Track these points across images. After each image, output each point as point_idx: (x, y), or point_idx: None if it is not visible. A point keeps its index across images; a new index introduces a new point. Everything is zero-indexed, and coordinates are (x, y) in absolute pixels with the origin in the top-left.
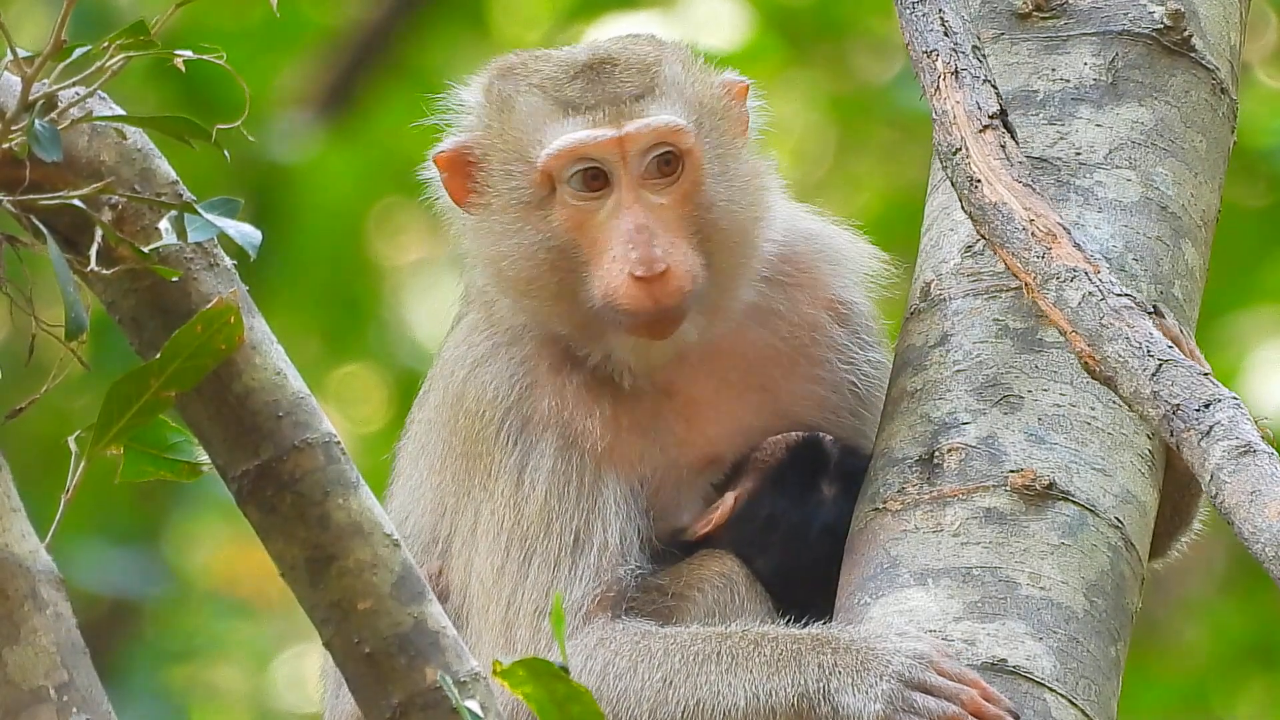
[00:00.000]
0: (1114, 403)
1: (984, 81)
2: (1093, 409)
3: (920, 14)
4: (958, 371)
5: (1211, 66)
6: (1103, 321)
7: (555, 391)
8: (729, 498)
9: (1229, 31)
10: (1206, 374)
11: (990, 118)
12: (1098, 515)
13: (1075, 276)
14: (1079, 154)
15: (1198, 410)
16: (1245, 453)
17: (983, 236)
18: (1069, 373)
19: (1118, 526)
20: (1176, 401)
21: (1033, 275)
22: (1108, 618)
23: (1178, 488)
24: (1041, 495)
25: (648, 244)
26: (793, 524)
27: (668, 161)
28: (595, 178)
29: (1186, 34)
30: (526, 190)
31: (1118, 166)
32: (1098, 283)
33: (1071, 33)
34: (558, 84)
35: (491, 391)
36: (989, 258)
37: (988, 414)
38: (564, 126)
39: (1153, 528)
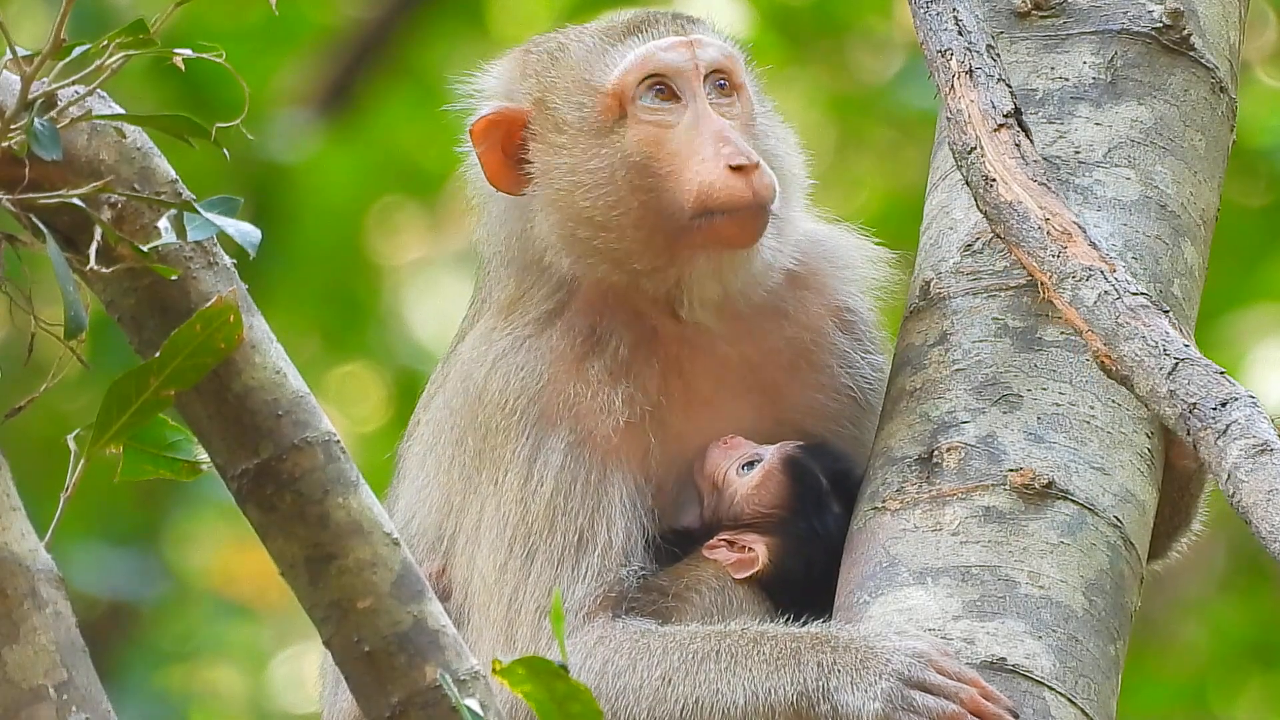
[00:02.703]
0: (1113, 401)
1: (998, 80)
2: (1092, 408)
3: (934, 13)
4: (957, 370)
5: (1210, 65)
6: (1119, 320)
7: (571, 385)
8: (760, 549)
9: (1228, 30)
10: (1222, 372)
11: (1005, 116)
12: (1097, 514)
13: (1091, 275)
14: (1078, 152)
15: (1214, 409)
16: (1262, 451)
17: (998, 235)
18: (1068, 372)
19: (1117, 525)
20: (1193, 400)
21: (1048, 274)
22: (1107, 616)
23: (1177, 487)
24: (1041, 494)
25: (739, 139)
26: (817, 544)
27: (723, 85)
28: (664, 91)
29: (1185, 33)
30: (596, 117)
31: (1117, 165)
32: (1113, 281)
33: (1070, 31)
34: (611, 29)
35: (516, 384)
36: (988, 256)
37: (987, 413)
38: (631, 45)
39: (1152, 527)
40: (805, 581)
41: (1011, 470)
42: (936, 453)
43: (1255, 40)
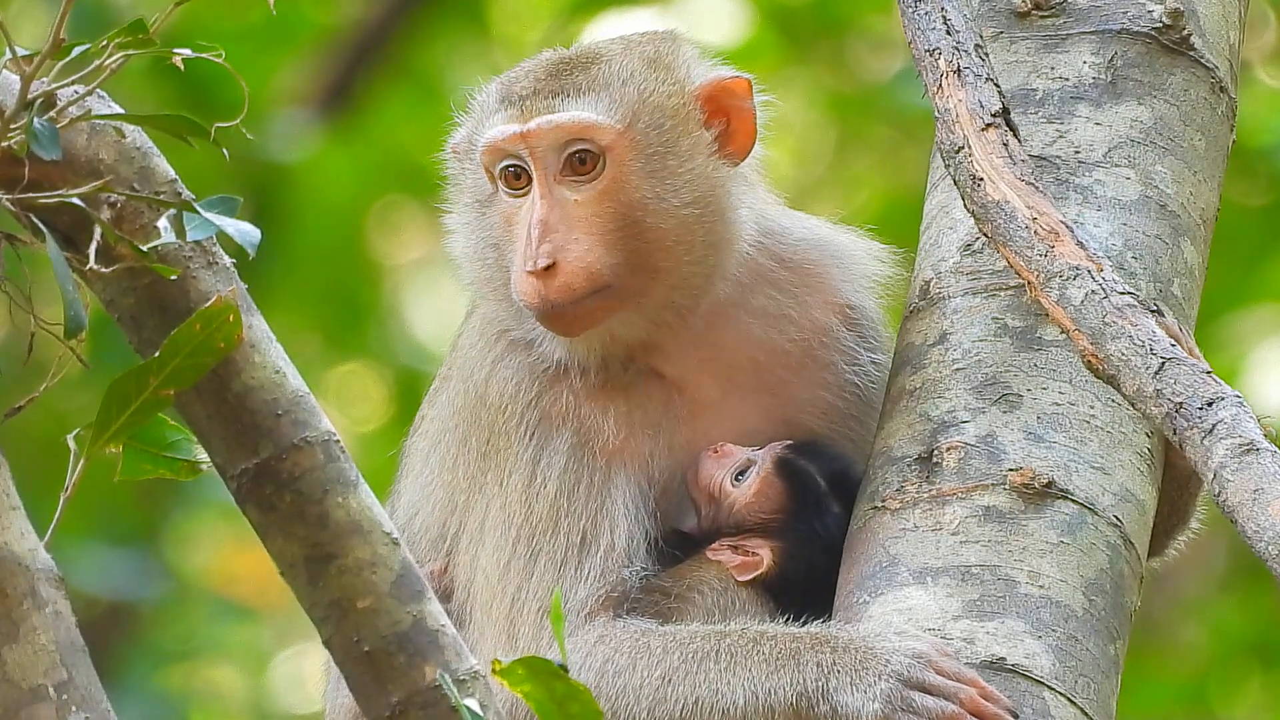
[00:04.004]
0: (1113, 401)
1: (986, 80)
2: (1092, 408)
3: (922, 12)
4: (957, 370)
5: (1210, 65)
6: (1105, 320)
7: (571, 388)
8: (765, 554)
9: (1228, 30)
10: (1209, 372)
11: (993, 116)
12: (1097, 514)
13: (1078, 275)
14: (1078, 152)
15: (1200, 408)
16: (1248, 451)
17: (985, 235)
18: (1068, 371)
19: (1117, 525)
20: (1179, 400)
21: (1035, 273)
22: (1107, 616)
23: (1176, 486)
24: (1040, 494)
25: (539, 240)
26: (820, 544)
27: (582, 160)
28: (517, 174)
29: (1185, 33)
30: (480, 187)
31: (1117, 165)
32: (1100, 281)
33: (1070, 31)
34: (514, 80)
35: (514, 387)
36: (988, 256)
37: (987, 412)
38: (493, 122)
39: (1151, 526)
40: (806, 582)
41: (1011, 470)
42: (936, 452)
43: (1255, 40)
